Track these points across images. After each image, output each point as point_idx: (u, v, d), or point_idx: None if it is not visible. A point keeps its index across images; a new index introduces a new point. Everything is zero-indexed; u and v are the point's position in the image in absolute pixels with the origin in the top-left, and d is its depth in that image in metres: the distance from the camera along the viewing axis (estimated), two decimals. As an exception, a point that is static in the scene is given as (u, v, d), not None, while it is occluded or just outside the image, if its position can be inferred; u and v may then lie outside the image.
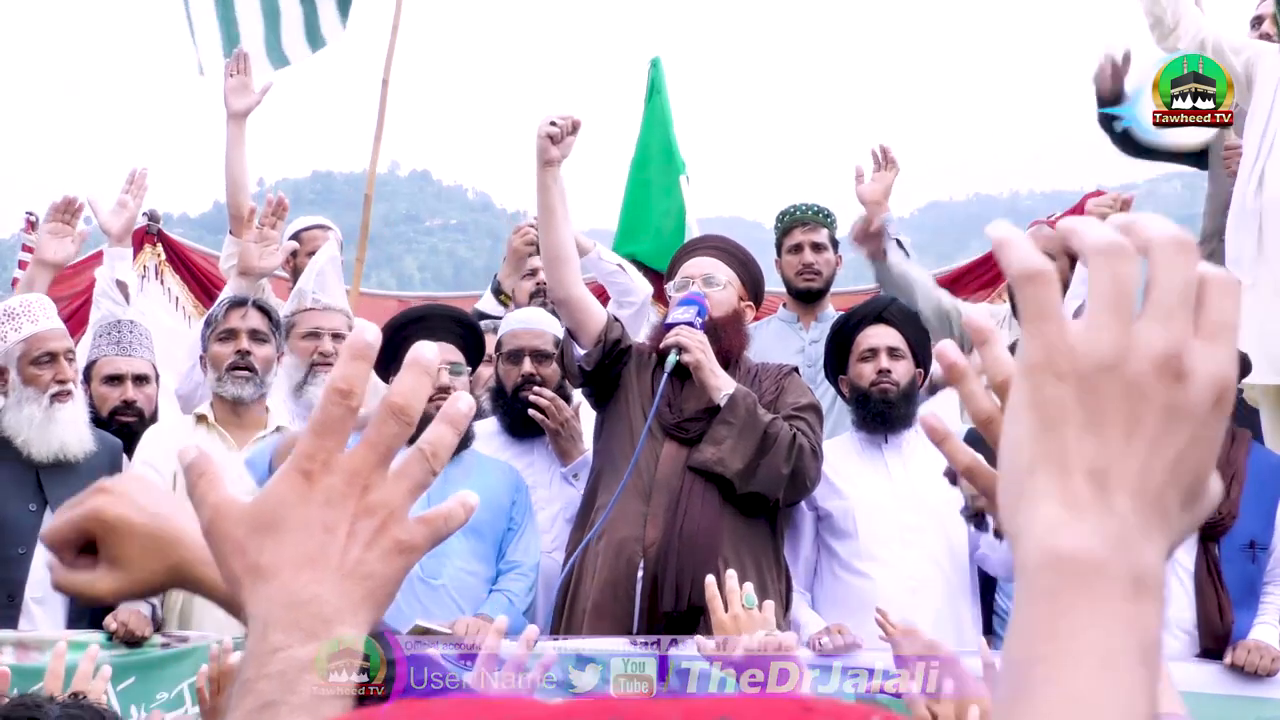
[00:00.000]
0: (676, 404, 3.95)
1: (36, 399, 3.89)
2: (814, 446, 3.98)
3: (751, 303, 4.26)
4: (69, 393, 3.95)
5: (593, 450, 4.19)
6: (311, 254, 5.31)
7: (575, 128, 3.91)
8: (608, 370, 4.03)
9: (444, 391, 4.09)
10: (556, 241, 3.95)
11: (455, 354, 4.17)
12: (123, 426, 4.22)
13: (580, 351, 4.02)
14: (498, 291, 5.08)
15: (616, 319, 4.13)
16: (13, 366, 3.90)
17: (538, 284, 5.30)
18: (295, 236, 5.64)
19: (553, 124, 3.86)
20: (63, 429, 3.92)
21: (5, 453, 3.89)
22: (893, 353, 4.29)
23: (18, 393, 3.90)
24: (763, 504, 3.95)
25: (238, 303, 4.22)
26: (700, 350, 3.87)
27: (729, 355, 4.05)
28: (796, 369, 4.29)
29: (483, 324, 4.76)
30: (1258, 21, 5.15)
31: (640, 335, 4.42)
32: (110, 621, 3.73)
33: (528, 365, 4.42)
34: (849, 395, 4.38)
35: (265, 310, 4.25)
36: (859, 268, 5.44)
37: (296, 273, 5.44)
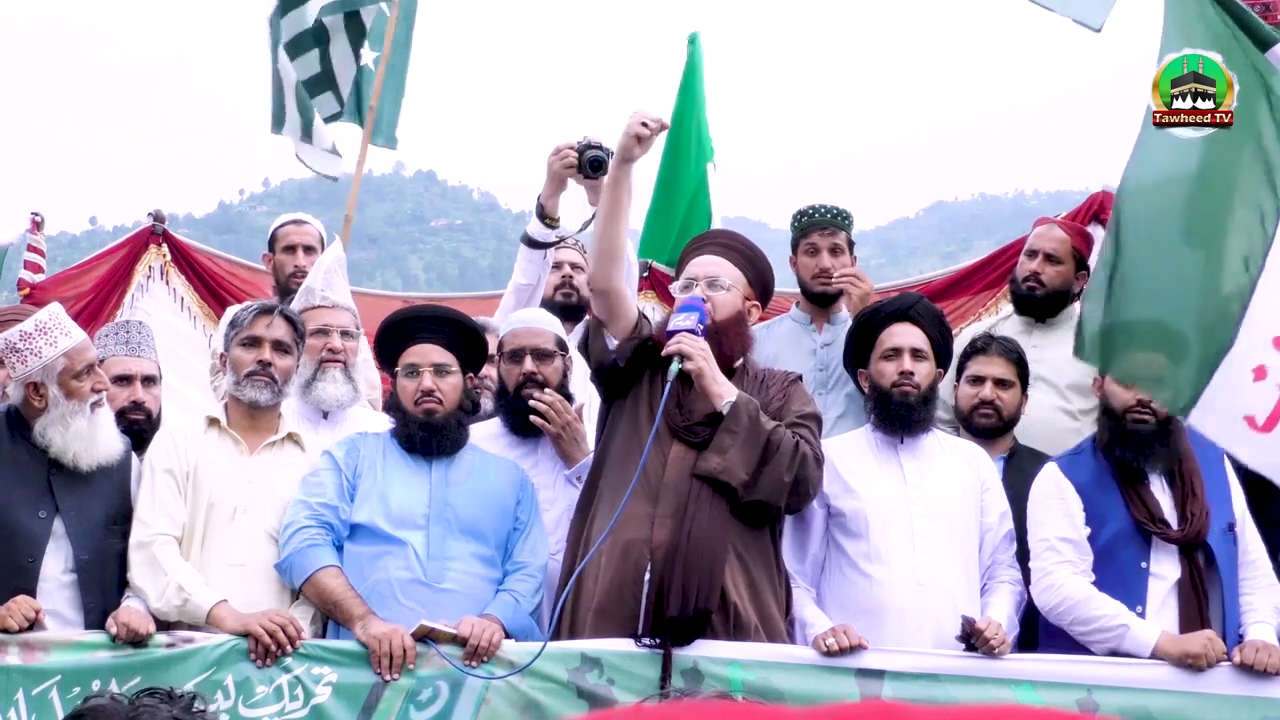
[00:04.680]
0: (686, 405, 3.94)
1: (80, 410, 3.89)
2: (816, 454, 3.97)
3: (758, 302, 4.23)
4: (103, 401, 3.97)
5: (595, 443, 4.19)
6: (288, 249, 5.31)
7: (663, 128, 3.92)
8: (634, 366, 4.03)
9: (428, 394, 4.10)
10: (614, 237, 3.96)
11: (443, 354, 4.17)
12: (131, 425, 4.23)
13: (612, 342, 4.02)
14: (542, 215, 5.00)
15: (645, 316, 4.13)
16: (52, 381, 3.89)
17: (563, 277, 5.30)
18: (274, 234, 5.64)
19: (644, 124, 3.86)
20: (104, 435, 3.95)
21: (17, 460, 3.89)
22: (916, 354, 4.30)
23: (60, 408, 3.88)
24: (763, 510, 3.94)
25: (265, 310, 4.24)
26: (702, 359, 3.85)
27: (731, 359, 4.04)
28: (800, 377, 4.28)
29: (483, 320, 4.75)
30: None
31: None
32: (111, 624, 3.73)
33: (529, 364, 4.42)
34: (868, 392, 4.38)
35: (291, 320, 4.26)
36: (874, 270, 5.43)
37: (276, 270, 5.44)
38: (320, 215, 6.09)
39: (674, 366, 3.83)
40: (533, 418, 4.37)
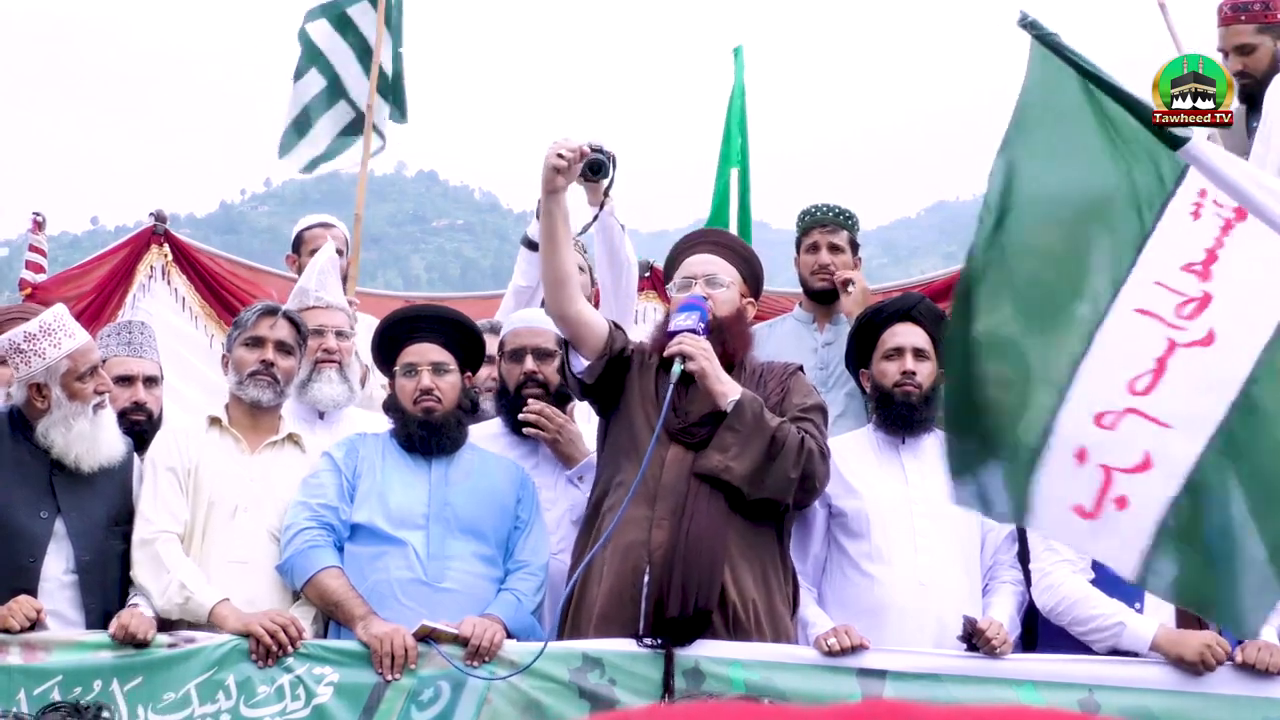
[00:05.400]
0: (682, 408, 3.93)
1: (83, 412, 3.89)
2: (822, 448, 3.94)
3: (753, 299, 4.24)
4: (105, 402, 3.97)
5: (597, 456, 4.18)
6: (315, 252, 5.33)
7: (582, 157, 3.91)
8: (612, 379, 4.02)
9: (427, 393, 4.11)
10: (559, 264, 3.92)
11: (441, 353, 4.18)
12: (132, 426, 4.23)
13: (582, 363, 4.00)
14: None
15: (619, 327, 4.11)
16: (55, 382, 3.88)
17: None
18: (300, 236, 5.68)
19: (560, 156, 3.86)
20: (106, 436, 3.95)
21: (19, 460, 3.89)
22: (918, 354, 4.30)
23: (63, 409, 3.88)
24: (770, 508, 3.93)
25: (269, 311, 4.26)
26: (705, 358, 3.84)
27: (733, 357, 4.03)
28: (801, 367, 4.26)
29: (483, 323, 4.76)
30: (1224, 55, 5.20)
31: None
32: (113, 624, 3.73)
33: (529, 363, 4.42)
34: (870, 392, 4.38)
35: (294, 322, 4.28)
36: (876, 270, 5.44)
37: (302, 272, 5.46)
38: (324, 213, 6.09)
39: (676, 367, 3.82)
40: (526, 430, 4.38)
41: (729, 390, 3.88)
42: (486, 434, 4.44)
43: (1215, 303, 3.21)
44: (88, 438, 3.90)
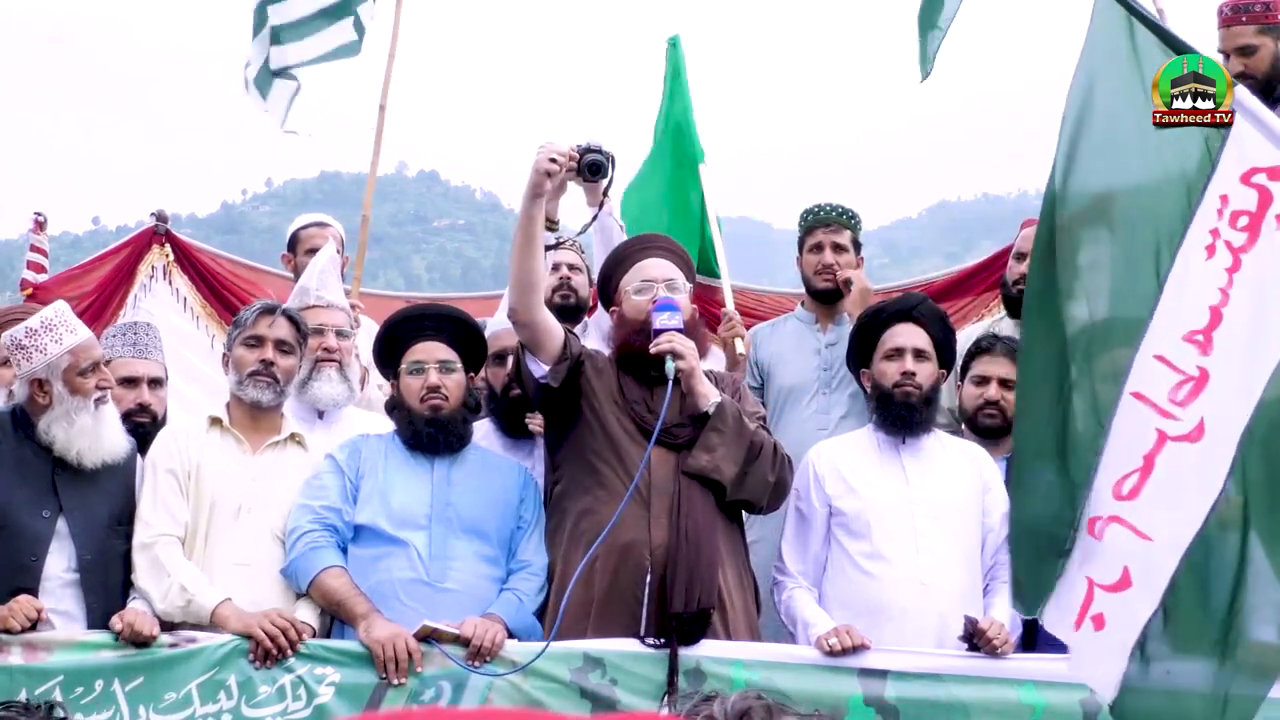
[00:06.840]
0: (655, 409, 3.92)
1: (85, 407, 3.89)
2: (787, 456, 4.05)
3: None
4: (107, 398, 3.97)
5: (550, 460, 4.19)
6: (311, 252, 5.33)
7: (571, 160, 3.92)
8: (568, 384, 4.03)
9: (434, 390, 4.11)
10: (532, 268, 3.92)
11: (447, 352, 4.18)
12: (136, 428, 4.23)
13: (542, 368, 4.01)
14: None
15: (573, 333, 4.14)
16: (57, 378, 3.89)
17: (560, 279, 5.19)
18: (295, 235, 5.67)
19: (552, 160, 3.86)
20: (108, 431, 3.95)
21: (22, 459, 3.89)
22: (919, 354, 4.30)
23: (65, 404, 3.88)
24: (739, 511, 4.03)
25: (268, 310, 4.25)
26: (693, 357, 3.90)
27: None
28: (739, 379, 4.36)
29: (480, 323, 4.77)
30: (1225, 56, 5.18)
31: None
32: (116, 622, 3.73)
33: (513, 364, 4.44)
34: (870, 392, 4.38)
35: (294, 321, 4.27)
36: (877, 270, 5.44)
37: (298, 272, 5.46)
38: (325, 212, 6.09)
39: (670, 365, 3.85)
40: (533, 427, 4.43)
41: (709, 391, 3.95)
42: (478, 435, 4.44)
43: (1211, 384, 3.15)
44: (89, 433, 3.90)
